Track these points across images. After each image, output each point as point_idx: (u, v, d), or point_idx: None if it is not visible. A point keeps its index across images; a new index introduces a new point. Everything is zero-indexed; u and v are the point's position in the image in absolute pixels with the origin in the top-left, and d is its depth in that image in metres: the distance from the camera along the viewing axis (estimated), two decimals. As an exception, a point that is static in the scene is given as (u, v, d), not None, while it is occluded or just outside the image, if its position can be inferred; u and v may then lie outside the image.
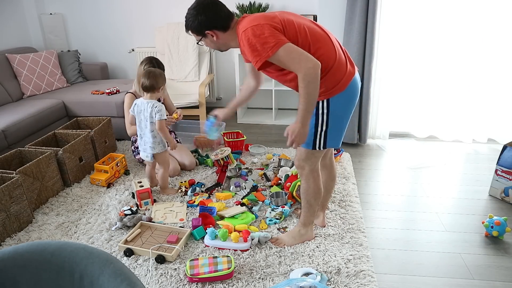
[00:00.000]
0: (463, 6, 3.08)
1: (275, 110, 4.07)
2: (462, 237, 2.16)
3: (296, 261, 1.94)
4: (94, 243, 2.12)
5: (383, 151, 3.32)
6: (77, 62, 4.09)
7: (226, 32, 1.74)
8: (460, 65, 3.25)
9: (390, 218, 2.35)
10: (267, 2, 3.86)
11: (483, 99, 3.31)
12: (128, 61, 4.41)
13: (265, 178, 2.76)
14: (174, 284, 1.81)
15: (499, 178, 2.51)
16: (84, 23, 4.32)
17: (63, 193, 2.66)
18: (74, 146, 2.74)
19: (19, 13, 4.10)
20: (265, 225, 2.24)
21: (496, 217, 2.15)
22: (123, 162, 2.90)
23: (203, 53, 3.99)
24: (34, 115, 3.12)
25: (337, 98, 1.70)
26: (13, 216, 2.18)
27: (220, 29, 1.73)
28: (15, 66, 3.63)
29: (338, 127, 1.78)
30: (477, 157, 3.17)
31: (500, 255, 2.01)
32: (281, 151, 3.28)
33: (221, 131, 3.39)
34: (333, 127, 1.75)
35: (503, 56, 3.15)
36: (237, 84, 3.93)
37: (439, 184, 2.75)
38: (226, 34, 1.74)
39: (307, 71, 1.53)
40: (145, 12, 4.17)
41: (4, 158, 2.49)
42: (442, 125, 3.48)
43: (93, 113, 3.43)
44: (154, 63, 2.69)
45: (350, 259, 1.95)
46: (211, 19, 1.70)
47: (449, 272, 1.90)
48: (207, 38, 1.77)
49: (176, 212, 2.39)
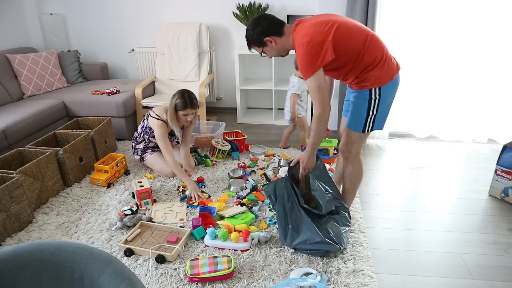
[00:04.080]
0: (463, 6, 3.08)
1: (275, 110, 4.06)
2: (462, 237, 2.17)
3: (296, 261, 1.94)
4: (94, 243, 2.13)
5: (383, 151, 3.32)
6: (77, 62, 4.09)
7: (282, 37, 1.96)
8: (460, 65, 3.25)
9: (390, 218, 2.35)
10: (267, 2, 3.86)
11: (483, 99, 3.31)
12: (128, 61, 4.41)
13: (265, 178, 2.76)
14: (174, 284, 1.81)
15: (499, 178, 2.51)
16: (84, 23, 4.32)
17: (63, 193, 2.66)
18: (74, 146, 2.74)
19: (19, 13, 4.10)
20: (265, 225, 2.24)
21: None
22: (123, 162, 2.90)
23: (203, 53, 3.99)
24: (34, 115, 3.12)
25: (387, 87, 1.89)
26: (13, 216, 2.18)
27: (276, 35, 1.95)
28: (15, 66, 3.63)
29: (385, 112, 1.99)
30: (477, 157, 3.17)
31: (500, 255, 2.01)
32: (281, 151, 3.28)
33: (222, 131, 3.39)
34: (381, 112, 1.95)
35: (503, 56, 3.15)
36: (237, 84, 3.93)
37: (439, 184, 2.75)
38: (283, 39, 1.96)
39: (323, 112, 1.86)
40: (145, 12, 4.17)
41: (4, 158, 2.50)
42: (442, 125, 3.48)
43: (93, 113, 3.43)
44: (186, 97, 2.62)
45: (350, 259, 1.95)
46: (266, 27, 1.94)
47: (449, 272, 1.90)
48: (268, 46, 1.99)
49: (176, 212, 2.39)
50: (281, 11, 3.92)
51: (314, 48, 1.78)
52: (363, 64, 1.86)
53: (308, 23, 1.88)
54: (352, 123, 2.01)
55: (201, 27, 3.92)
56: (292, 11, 3.91)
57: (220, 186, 2.70)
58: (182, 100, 2.61)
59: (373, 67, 1.85)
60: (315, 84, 1.83)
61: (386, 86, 1.88)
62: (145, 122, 2.84)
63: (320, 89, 1.84)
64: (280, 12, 3.93)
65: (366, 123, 1.96)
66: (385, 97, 1.91)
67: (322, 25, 1.83)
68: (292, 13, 3.90)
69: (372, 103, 1.91)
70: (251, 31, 1.96)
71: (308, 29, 1.84)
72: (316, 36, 1.80)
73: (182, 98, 2.62)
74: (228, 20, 4.02)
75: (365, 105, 1.92)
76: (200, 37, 3.93)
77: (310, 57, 1.80)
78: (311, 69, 1.81)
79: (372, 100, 1.90)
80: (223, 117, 4.19)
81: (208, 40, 3.95)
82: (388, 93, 1.92)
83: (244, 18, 3.76)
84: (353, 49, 1.83)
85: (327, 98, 1.87)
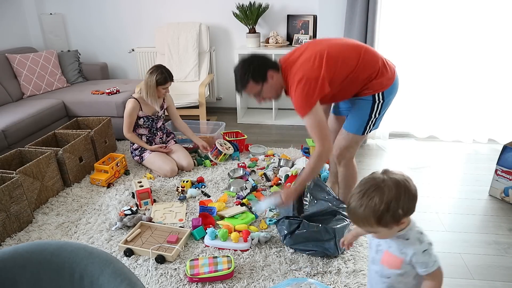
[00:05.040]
0: (463, 6, 3.08)
1: (275, 110, 4.06)
2: (462, 237, 2.16)
3: (296, 261, 1.94)
4: (94, 243, 2.12)
5: (383, 151, 3.32)
6: (77, 62, 4.09)
7: (278, 73, 1.88)
8: (460, 65, 3.25)
9: (390, 218, 2.35)
10: (267, 2, 3.86)
11: (483, 99, 3.30)
12: (128, 61, 4.41)
13: (265, 178, 2.76)
14: (174, 284, 1.81)
15: (499, 178, 2.51)
16: (84, 23, 4.32)
17: (63, 193, 2.66)
18: (74, 146, 2.74)
19: (19, 13, 4.10)
20: (265, 225, 2.23)
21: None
22: (123, 162, 2.90)
23: (203, 53, 3.99)
24: (34, 115, 3.12)
25: (389, 90, 1.91)
26: (13, 216, 2.18)
27: (275, 69, 1.87)
28: (15, 66, 3.63)
29: (383, 114, 2.00)
30: (477, 157, 3.17)
31: (500, 255, 2.01)
32: (281, 151, 3.28)
33: (222, 131, 3.39)
34: (382, 115, 1.99)
35: (504, 56, 3.15)
36: (237, 84, 3.92)
37: (439, 184, 2.75)
38: (279, 75, 1.89)
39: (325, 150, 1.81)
40: (145, 12, 4.17)
41: (4, 158, 2.49)
42: (443, 125, 3.47)
43: (93, 113, 3.43)
44: (165, 72, 2.76)
45: (350, 259, 1.95)
46: (265, 61, 1.86)
47: (449, 272, 1.90)
48: (268, 83, 1.87)
49: (176, 213, 2.39)
50: (281, 11, 3.92)
51: (308, 84, 1.75)
52: (361, 79, 1.87)
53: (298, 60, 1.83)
54: (352, 126, 1.99)
55: (201, 27, 3.91)
56: (292, 11, 3.91)
57: (220, 186, 2.70)
58: (163, 75, 2.74)
59: (372, 78, 1.86)
60: (314, 121, 1.78)
61: (387, 90, 1.90)
62: None
63: (320, 126, 1.79)
64: (280, 12, 3.93)
65: (367, 126, 1.97)
66: (387, 100, 1.93)
67: (311, 60, 1.79)
68: (292, 13, 3.90)
69: (376, 107, 1.92)
70: (249, 66, 1.84)
71: (299, 67, 1.80)
72: (309, 72, 1.77)
73: (162, 74, 2.74)
74: (228, 20, 4.02)
75: (368, 108, 1.92)
76: (200, 37, 3.93)
77: (305, 94, 1.76)
78: (307, 106, 1.77)
79: (375, 104, 1.91)
80: (223, 117, 4.19)
81: (208, 40, 3.95)
82: (390, 96, 1.94)
83: (244, 18, 3.76)
84: (348, 70, 1.83)
85: (328, 134, 1.83)
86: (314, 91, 1.76)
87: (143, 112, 2.86)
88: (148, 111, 2.89)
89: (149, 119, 2.91)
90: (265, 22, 4.00)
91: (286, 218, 2.03)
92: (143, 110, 2.86)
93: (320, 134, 1.80)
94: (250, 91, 1.90)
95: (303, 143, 3.22)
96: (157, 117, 2.97)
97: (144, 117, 2.88)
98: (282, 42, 3.81)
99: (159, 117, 2.99)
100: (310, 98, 1.76)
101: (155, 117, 2.95)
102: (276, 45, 3.77)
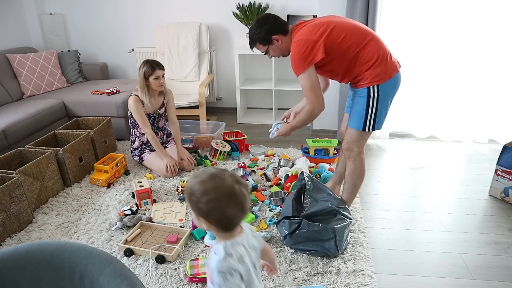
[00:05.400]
0: (463, 6, 3.08)
1: (275, 110, 4.06)
2: (462, 237, 2.16)
3: (296, 261, 1.94)
4: (94, 243, 2.12)
5: (383, 151, 3.32)
6: (77, 62, 4.09)
7: (286, 36, 2.00)
8: (460, 66, 3.25)
9: (390, 218, 2.35)
10: (267, 2, 3.86)
11: (484, 99, 3.30)
12: (128, 61, 4.41)
13: (265, 178, 2.76)
14: (174, 284, 1.81)
15: (499, 178, 2.51)
16: (84, 23, 4.32)
17: (63, 193, 2.66)
18: (74, 146, 2.74)
19: (19, 13, 4.10)
20: (265, 225, 2.23)
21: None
22: (123, 162, 2.90)
23: (203, 53, 3.99)
24: (34, 115, 3.12)
25: (385, 85, 1.90)
26: (13, 216, 2.18)
27: (282, 33, 1.99)
28: (15, 66, 3.63)
29: (384, 111, 1.98)
30: (477, 157, 3.17)
31: (500, 255, 2.01)
32: (281, 151, 3.28)
33: (222, 131, 3.39)
34: (381, 110, 1.96)
35: (504, 56, 3.15)
36: (237, 84, 3.93)
37: (439, 184, 2.75)
38: (287, 38, 2.00)
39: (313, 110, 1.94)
40: (145, 12, 4.17)
41: (4, 158, 2.49)
42: (443, 126, 3.47)
43: (93, 113, 3.43)
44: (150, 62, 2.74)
45: (350, 259, 1.95)
46: (274, 25, 1.98)
47: (449, 272, 1.90)
48: (273, 45, 2.01)
49: (176, 213, 2.39)
50: (281, 11, 3.92)
51: (306, 45, 1.85)
52: (358, 64, 1.89)
53: (307, 24, 1.94)
54: (352, 121, 2.03)
55: (201, 27, 3.91)
56: (292, 11, 3.90)
57: (220, 186, 2.69)
58: (148, 64, 2.71)
59: (369, 66, 1.88)
60: (307, 82, 1.89)
61: (384, 84, 1.90)
62: (129, 112, 2.88)
63: (313, 88, 1.90)
64: (280, 12, 3.92)
65: (366, 121, 1.97)
66: (384, 96, 1.92)
67: (317, 26, 1.89)
68: (292, 13, 3.90)
69: (371, 101, 1.93)
70: (258, 28, 1.98)
71: (305, 30, 1.90)
72: (309, 35, 1.87)
73: (147, 63, 2.72)
74: (228, 20, 4.02)
75: (364, 103, 1.94)
76: (200, 37, 3.93)
77: (301, 54, 1.86)
78: (301, 65, 1.87)
79: (370, 98, 1.92)
80: (223, 117, 4.19)
81: (208, 40, 3.94)
82: (387, 92, 1.93)
83: (244, 18, 3.76)
84: (349, 49, 1.88)
85: (319, 97, 1.93)
86: (310, 53, 1.85)
87: (144, 109, 2.85)
88: (149, 108, 2.88)
89: (150, 117, 2.90)
90: (265, 22, 3.99)
91: (286, 219, 2.03)
92: (144, 107, 2.85)
93: (312, 96, 1.91)
94: (258, 49, 2.06)
95: (303, 143, 3.22)
96: (158, 115, 2.97)
97: (146, 115, 2.87)
98: (282, 42, 3.80)
99: (160, 115, 2.98)
100: (305, 58, 1.85)
101: (156, 115, 2.95)
102: (276, 45, 3.77)
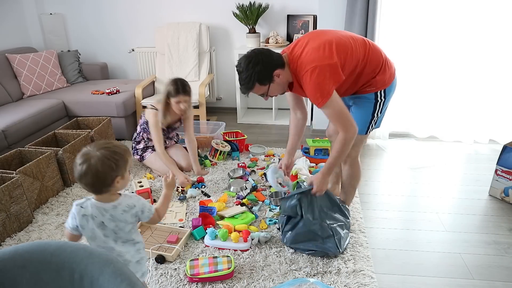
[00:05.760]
0: (463, 6, 3.08)
1: (275, 110, 4.06)
2: (462, 237, 2.16)
3: (296, 261, 1.94)
4: (94, 243, 2.12)
5: (383, 151, 3.32)
6: (77, 62, 4.09)
7: (284, 69, 1.80)
8: (461, 66, 3.25)
9: (390, 218, 2.35)
10: (267, 2, 3.86)
11: (484, 99, 3.30)
12: (128, 61, 4.41)
13: (265, 178, 2.76)
14: (174, 284, 1.81)
15: (499, 178, 2.51)
16: (84, 23, 4.32)
17: (63, 193, 2.66)
18: (74, 146, 2.74)
19: (19, 13, 4.10)
20: (265, 225, 2.23)
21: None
22: (123, 162, 2.89)
23: (203, 53, 3.99)
24: (34, 115, 3.12)
25: (389, 88, 1.92)
26: (13, 216, 2.18)
27: (281, 67, 1.78)
28: (15, 66, 3.63)
29: (384, 112, 2.01)
30: (477, 157, 3.17)
31: (500, 255, 2.01)
32: (281, 151, 3.28)
33: (222, 131, 3.39)
34: (384, 112, 1.99)
35: (504, 56, 3.15)
36: (237, 84, 3.91)
37: (439, 184, 2.75)
38: (285, 71, 1.81)
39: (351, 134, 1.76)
40: (145, 12, 4.17)
41: (4, 158, 2.49)
42: (443, 126, 3.47)
43: (93, 113, 3.43)
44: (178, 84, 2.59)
45: (350, 259, 1.95)
46: (271, 59, 1.76)
47: (449, 272, 1.90)
48: (274, 82, 1.80)
49: (176, 213, 2.39)
50: (281, 11, 3.92)
51: (322, 72, 1.69)
52: (366, 73, 1.84)
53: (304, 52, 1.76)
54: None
55: (201, 27, 3.91)
56: (292, 11, 3.91)
57: (220, 186, 2.70)
58: (175, 86, 2.58)
59: (376, 73, 1.85)
60: (335, 109, 1.73)
61: (389, 87, 1.91)
62: (143, 117, 2.85)
63: (342, 113, 1.74)
64: (280, 12, 3.93)
65: (370, 125, 1.98)
66: (388, 98, 1.94)
67: (320, 49, 1.73)
68: (292, 13, 3.90)
69: (378, 105, 1.92)
70: (254, 67, 1.73)
71: (310, 56, 1.73)
72: (321, 60, 1.70)
73: (174, 85, 2.59)
74: (228, 20, 4.02)
75: (371, 107, 1.92)
76: (200, 37, 3.93)
77: (321, 82, 1.69)
78: (324, 95, 1.70)
79: (378, 103, 1.92)
80: (223, 117, 4.19)
81: (208, 40, 3.94)
82: (390, 94, 1.95)
83: (244, 18, 3.76)
84: (356, 62, 1.80)
85: (351, 119, 1.77)
86: (330, 79, 1.69)
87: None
88: (163, 124, 2.77)
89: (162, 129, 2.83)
90: (265, 22, 4.00)
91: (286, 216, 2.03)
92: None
93: (344, 121, 1.74)
94: (256, 92, 1.84)
95: (303, 143, 3.21)
96: (172, 129, 2.94)
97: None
98: (282, 42, 3.81)
99: (174, 129, 2.95)
100: (326, 86, 1.69)
101: (170, 129, 2.93)
102: (276, 45, 3.77)
